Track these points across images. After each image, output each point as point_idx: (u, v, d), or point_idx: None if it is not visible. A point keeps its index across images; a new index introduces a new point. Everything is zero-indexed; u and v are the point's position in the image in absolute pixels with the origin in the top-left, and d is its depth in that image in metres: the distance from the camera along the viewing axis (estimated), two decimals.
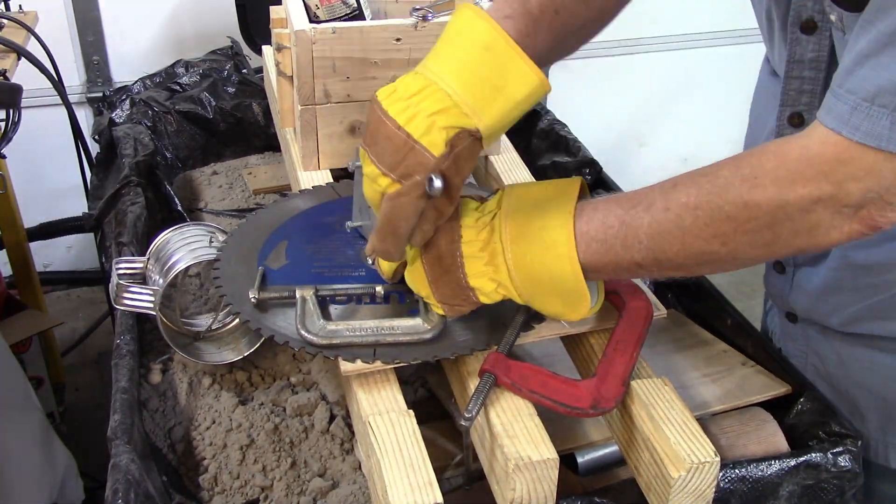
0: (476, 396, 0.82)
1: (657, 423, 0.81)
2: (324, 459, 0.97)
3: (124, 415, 0.89)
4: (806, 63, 0.92)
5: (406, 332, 0.88)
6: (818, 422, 0.95)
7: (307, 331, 0.88)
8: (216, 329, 1.12)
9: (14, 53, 1.69)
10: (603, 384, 0.83)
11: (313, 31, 1.13)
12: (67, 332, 2.52)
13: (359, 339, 0.87)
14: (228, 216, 1.44)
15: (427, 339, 0.88)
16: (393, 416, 0.82)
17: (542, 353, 1.03)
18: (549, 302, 0.83)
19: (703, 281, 1.18)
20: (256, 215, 1.10)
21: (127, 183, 1.34)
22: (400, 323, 0.89)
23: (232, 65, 1.73)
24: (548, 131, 1.55)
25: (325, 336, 0.87)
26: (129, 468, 0.81)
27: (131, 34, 2.52)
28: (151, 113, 1.60)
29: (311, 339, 0.87)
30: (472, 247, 0.83)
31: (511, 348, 0.87)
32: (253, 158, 1.65)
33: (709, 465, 0.78)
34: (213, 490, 0.94)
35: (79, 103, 2.47)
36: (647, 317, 0.91)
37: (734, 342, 1.10)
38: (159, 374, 1.07)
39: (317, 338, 0.87)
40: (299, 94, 1.18)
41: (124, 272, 1.08)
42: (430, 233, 0.83)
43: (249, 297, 0.92)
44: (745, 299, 2.89)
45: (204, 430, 1.00)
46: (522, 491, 0.77)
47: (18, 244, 2.03)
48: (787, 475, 0.88)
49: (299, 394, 1.04)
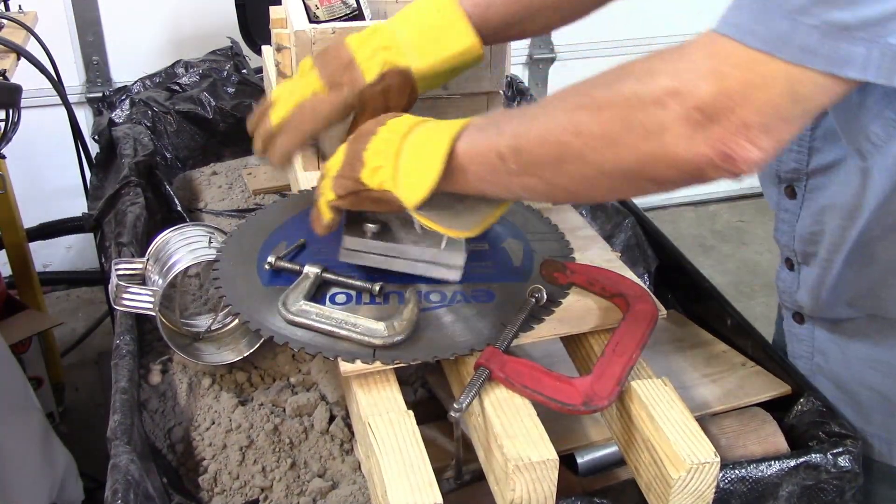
0: (469, 389, 0.82)
1: (657, 423, 0.81)
2: (323, 460, 0.97)
3: (124, 415, 0.89)
4: None
5: (363, 332, 0.88)
6: (818, 422, 0.95)
7: (284, 304, 0.91)
8: (216, 329, 1.12)
9: (14, 53, 1.69)
10: (597, 382, 0.83)
11: (313, 31, 1.13)
12: (67, 332, 2.52)
13: (319, 324, 0.89)
14: (228, 216, 1.44)
15: (377, 344, 0.87)
16: (392, 416, 0.82)
17: (542, 353, 1.03)
18: (409, 174, 0.83)
19: (703, 282, 1.18)
20: (256, 215, 1.10)
21: (126, 183, 1.34)
22: (363, 322, 0.89)
23: (232, 65, 1.74)
24: None
25: (295, 313, 0.90)
26: (129, 468, 0.81)
27: (131, 34, 2.52)
28: (151, 113, 1.60)
29: (283, 314, 0.90)
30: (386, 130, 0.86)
31: (509, 346, 0.87)
32: (253, 159, 1.65)
33: (709, 465, 0.78)
34: (213, 490, 0.94)
35: (78, 103, 2.47)
36: (651, 320, 0.91)
37: (734, 343, 1.10)
38: (159, 375, 1.07)
39: (289, 314, 0.90)
40: None
41: (124, 273, 1.08)
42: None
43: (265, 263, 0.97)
44: (744, 300, 2.91)
45: (204, 431, 1.00)
46: (522, 491, 0.77)
47: (18, 244, 2.03)
48: (786, 476, 0.88)
49: (299, 394, 1.04)
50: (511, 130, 0.77)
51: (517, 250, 1.02)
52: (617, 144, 0.68)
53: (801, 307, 1.05)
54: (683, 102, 0.64)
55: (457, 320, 0.91)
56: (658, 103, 0.65)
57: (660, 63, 0.67)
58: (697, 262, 1.23)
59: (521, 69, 2.98)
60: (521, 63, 2.97)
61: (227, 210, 1.46)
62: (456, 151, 0.80)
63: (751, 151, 0.63)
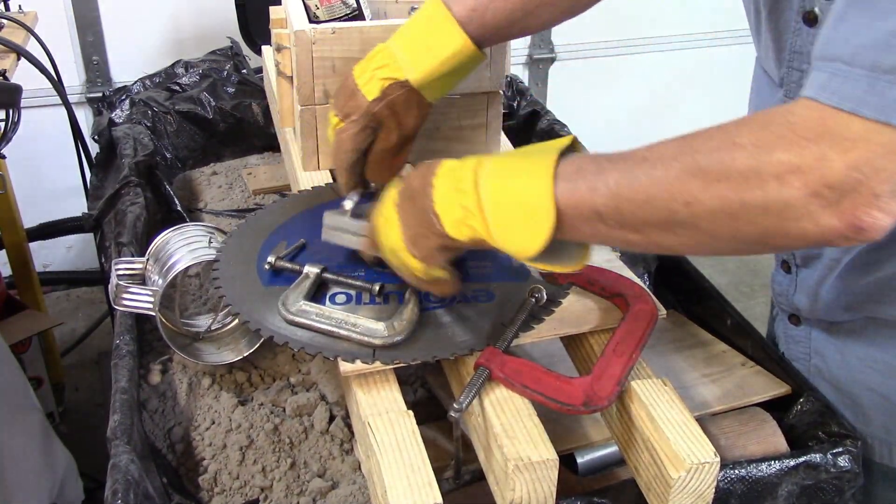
0: (468, 389, 0.82)
1: (657, 423, 0.81)
2: (323, 460, 0.97)
3: (124, 415, 0.89)
4: (805, 55, 0.90)
5: (363, 332, 0.88)
6: (817, 422, 0.95)
7: (284, 304, 0.91)
8: (216, 329, 1.12)
9: (14, 53, 1.69)
10: (597, 382, 0.83)
11: (313, 31, 1.13)
12: (67, 332, 2.52)
13: (318, 324, 0.89)
14: (228, 216, 1.44)
15: (377, 344, 0.87)
16: (392, 416, 0.82)
17: (542, 353, 1.03)
18: (513, 229, 0.77)
19: (703, 282, 1.18)
20: (256, 215, 1.10)
21: (126, 183, 1.34)
22: (363, 322, 0.89)
23: (232, 65, 1.73)
24: (548, 131, 1.55)
25: (295, 313, 0.90)
26: (129, 468, 0.81)
27: (131, 34, 2.52)
28: (151, 113, 1.60)
29: (283, 314, 0.90)
30: (446, 179, 0.81)
31: (509, 346, 0.87)
32: (252, 159, 1.65)
33: (708, 465, 0.78)
34: (213, 490, 0.94)
35: (78, 103, 2.47)
36: (650, 320, 0.91)
37: (734, 343, 1.10)
38: (159, 375, 1.07)
39: (288, 314, 0.90)
40: (299, 94, 1.18)
41: (124, 273, 1.08)
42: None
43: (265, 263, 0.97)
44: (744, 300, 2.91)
45: (203, 431, 1.00)
46: (522, 491, 0.77)
47: (18, 244, 2.03)
48: (786, 475, 0.88)
49: (299, 394, 1.04)
50: (607, 187, 0.72)
51: None
52: (734, 219, 0.66)
53: (797, 309, 1.05)
54: (808, 180, 0.62)
55: (456, 320, 0.91)
56: (778, 180, 0.63)
57: (768, 136, 0.64)
58: (697, 262, 1.23)
59: (521, 69, 2.98)
60: (521, 63, 2.97)
61: (227, 210, 1.46)
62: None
63: (882, 220, 0.62)
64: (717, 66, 3.07)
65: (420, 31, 1.00)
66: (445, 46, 0.98)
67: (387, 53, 1.00)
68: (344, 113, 1.00)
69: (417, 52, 0.99)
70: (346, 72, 1.18)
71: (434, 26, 0.99)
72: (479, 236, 0.79)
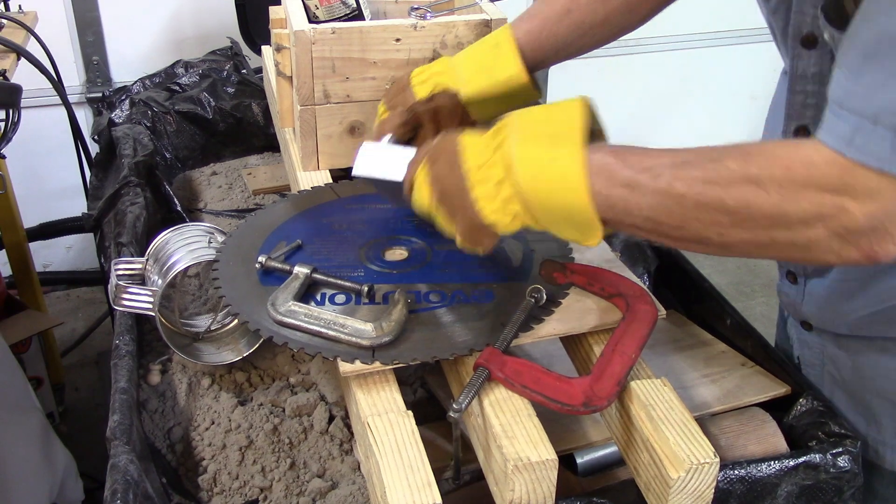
0: (468, 389, 0.82)
1: (656, 423, 0.81)
2: (323, 460, 0.97)
3: (123, 415, 0.89)
4: (809, 78, 0.91)
5: (351, 333, 0.88)
6: (817, 422, 0.95)
7: (273, 304, 0.90)
8: (215, 330, 1.12)
9: (14, 53, 1.69)
10: (597, 383, 0.83)
11: (313, 31, 1.13)
12: (67, 332, 2.53)
13: (307, 325, 0.89)
14: (228, 216, 1.44)
15: (364, 345, 0.87)
16: (392, 416, 0.82)
17: (541, 353, 1.03)
18: (564, 230, 0.83)
19: (703, 282, 1.18)
20: (256, 216, 1.10)
21: (126, 183, 1.34)
22: (351, 323, 0.89)
23: (231, 65, 1.74)
24: None
25: (284, 314, 0.90)
26: (128, 469, 0.81)
27: (131, 34, 2.52)
28: (151, 113, 1.60)
29: (272, 314, 0.90)
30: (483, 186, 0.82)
31: (508, 346, 0.87)
32: (252, 159, 1.65)
33: (708, 465, 0.78)
34: (213, 491, 0.94)
35: (78, 103, 2.47)
36: (651, 321, 0.91)
37: (734, 343, 1.10)
38: (158, 375, 1.07)
39: (277, 314, 0.89)
40: (299, 94, 1.18)
41: (123, 273, 1.08)
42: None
43: (255, 263, 0.97)
44: (744, 300, 2.90)
45: (203, 431, 1.00)
46: (521, 492, 0.77)
47: (18, 244, 2.03)
48: (785, 475, 0.88)
49: (298, 394, 1.04)
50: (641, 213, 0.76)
51: (516, 250, 1.02)
52: (763, 248, 0.73)
53: (807, 318, 1.05)
54: (831, 225, 0.68)
55: (456, 320, 0.91)
56: (804, 224, 0.69)
57: (791, 184, 0.69)
58: (697, 262, 1.23)
59: None
60: None
61: (226, 210, 1.46)
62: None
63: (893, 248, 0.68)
64: (717, 66, 3.07)
65: (484, 51, 1.06)
66: (502, 70, 1.03)
67: (448, 64, 1.06)
68: (391, 105, 1.05)
69: (474, 70, 1.04)
70: (345, 72, 1.19)
71: (497, 50, 1.04)
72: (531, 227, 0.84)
